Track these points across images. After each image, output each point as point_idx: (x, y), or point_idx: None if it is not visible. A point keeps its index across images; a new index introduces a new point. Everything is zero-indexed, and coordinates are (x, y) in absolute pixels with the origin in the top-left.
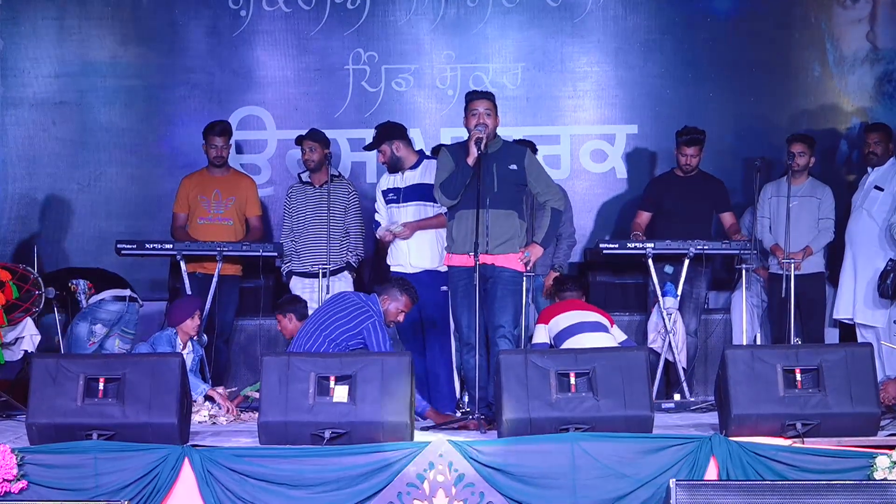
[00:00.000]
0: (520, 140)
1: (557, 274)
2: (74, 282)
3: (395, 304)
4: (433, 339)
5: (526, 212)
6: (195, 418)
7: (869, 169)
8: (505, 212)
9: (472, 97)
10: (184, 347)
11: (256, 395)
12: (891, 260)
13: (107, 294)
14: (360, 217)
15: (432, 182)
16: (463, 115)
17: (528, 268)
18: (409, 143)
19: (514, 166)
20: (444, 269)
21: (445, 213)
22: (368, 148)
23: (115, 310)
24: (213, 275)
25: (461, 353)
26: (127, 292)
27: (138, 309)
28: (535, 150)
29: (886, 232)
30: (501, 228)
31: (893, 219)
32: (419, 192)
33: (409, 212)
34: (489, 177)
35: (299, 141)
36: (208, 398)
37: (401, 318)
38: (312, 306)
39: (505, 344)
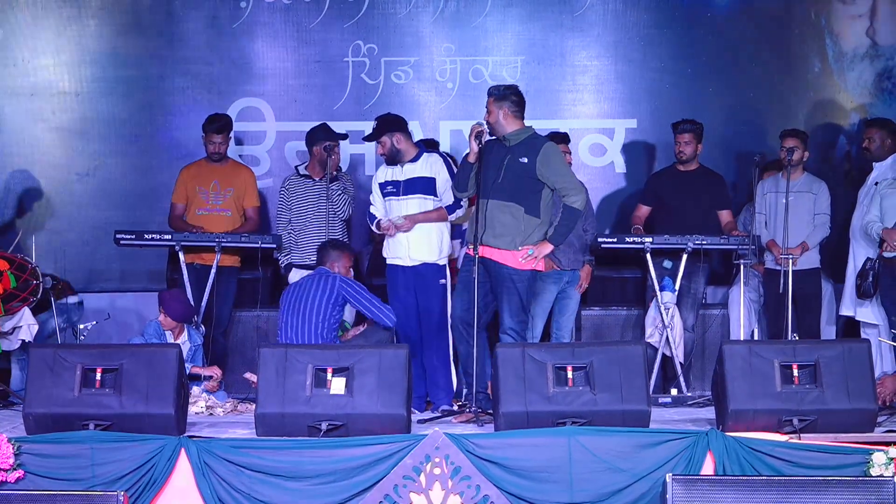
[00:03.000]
0: (553, 133)
1: (591, 269)
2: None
3: (341, 263)
4: (431, 332)
5: (548, 210)
6: (192, 409)
7: (874, 165)
8: (505, 203)
9: None
10: (178, 336)
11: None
12: (868, 259)
13: (79, 297)
14: (348, 205)
15: (432, 175)
16: (466, 108)
17: (534, 264)
18: (409, 136)
19: (524, 159)
20: (442, 262)
21: (447, 207)
22: (368, 139)
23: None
24: (211, 265)
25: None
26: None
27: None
28: (567, 141)
29: (861, 230)
30: (498, 220)
31: (868, 217)
32: (419, 186)
33: (410, 205)
34: (500, 167)
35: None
36: (193, 378)
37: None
38: None
39: (505, 339)
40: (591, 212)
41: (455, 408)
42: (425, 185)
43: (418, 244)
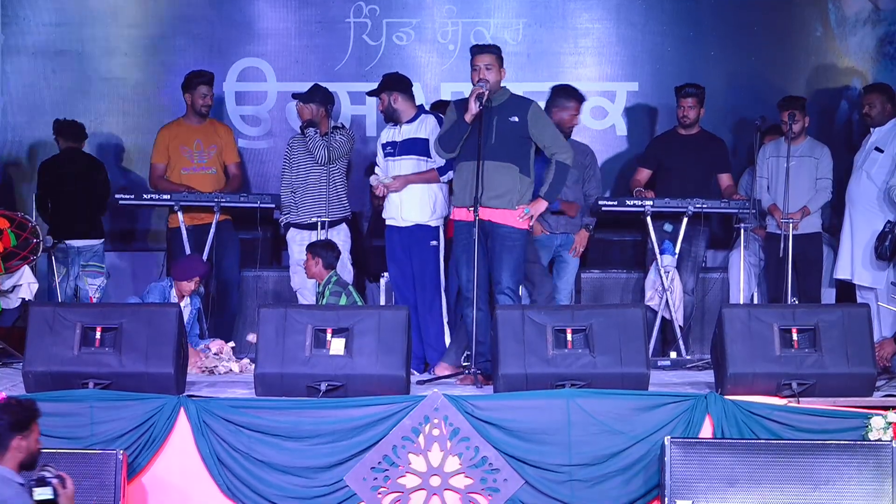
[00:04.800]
0: (568, 86)
1: (589, 234)
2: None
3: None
4: (423, 294)
5: (531, 168)
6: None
7: (871, 129)
8: (502, 164)
9: (474, 52)
10: (180, 299)
11: None
12: (889, 222)
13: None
14: (338, 154)
15: (426, 137)
16: (467, 70)
17: (531, 223)
18: (409, 97)
19: (515, 118)
20: (434, 223)
21: (438, 169)
22: (370, 93)
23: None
24: (204, 225)
25: (461, 307)
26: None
27: (98, 244)
28: (583, 100)
29: (885, 194)
30: (496, 181)
31: (892, 181)
32: (414, 147)
33: (404, 166)
34: (489, 129)
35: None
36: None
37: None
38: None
39: (505, 300)
40: (595, 175)
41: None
42: (420, 147)
43: (410, 204)
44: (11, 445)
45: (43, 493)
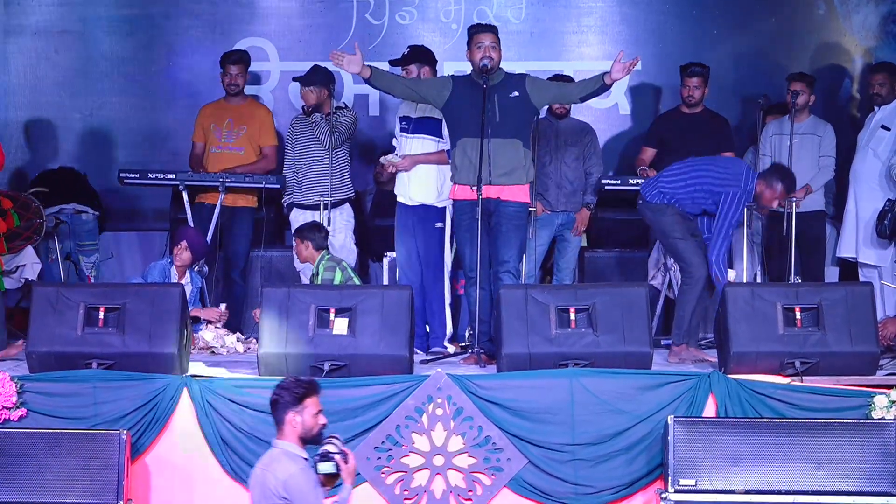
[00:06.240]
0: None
1: (590, 213)
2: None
3: (769, 192)
4: (426, 275)
5: (530, 141)
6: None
7: (875, 108)
8: (508, 140)
9: (478, 30)
10: (181, 277)
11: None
12: (889, 200)
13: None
14: (344, 136)
15: (440, 117)
16: (466, 49)
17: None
18: (435, 74)
19: (515, 93)
20: (441, 204)
21: (448, 150)
22: (395, 63)
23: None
24: (223, 206)
25: (465, 287)
26: (71, 206)
27: (90, 219)
28: None
29: (887, 172)
30: (504, 157)
31: (894, 159)
32: (427, 126)
33: (414, 144)
34: (491, 107)
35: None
36: (193, 320)
37: (774, 204)
38: None
39: (509, 279)
40: (596, 152)
41: (450, 349)
42: (433, 126)
43: (417, 184)
44: (286, 420)
45: (326, 467)
